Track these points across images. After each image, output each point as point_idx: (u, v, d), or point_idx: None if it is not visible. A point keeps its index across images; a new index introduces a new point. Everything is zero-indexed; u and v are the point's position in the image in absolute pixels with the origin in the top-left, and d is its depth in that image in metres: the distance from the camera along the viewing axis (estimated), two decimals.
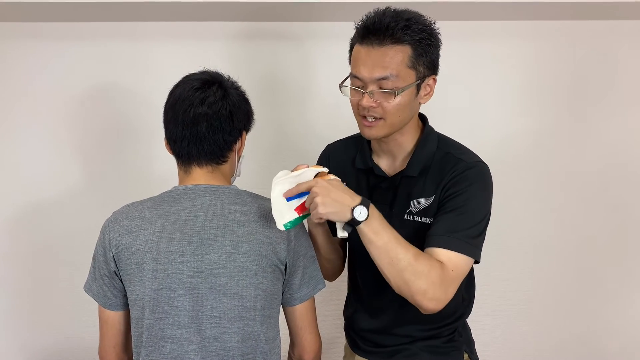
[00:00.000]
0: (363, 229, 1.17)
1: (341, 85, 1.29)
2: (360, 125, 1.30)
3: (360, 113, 1.27)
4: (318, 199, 1.15)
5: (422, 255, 1.20)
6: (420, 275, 1.17)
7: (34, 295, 1.98)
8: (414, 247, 1.20)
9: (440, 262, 1.20)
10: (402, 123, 1.28)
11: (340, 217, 1.17)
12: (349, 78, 1.28)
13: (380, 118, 1.25)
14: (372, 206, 1.18)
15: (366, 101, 1.23)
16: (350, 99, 1.29)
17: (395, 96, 1.22)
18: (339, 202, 1.16)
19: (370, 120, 1.26)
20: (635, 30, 2.02)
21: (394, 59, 1.21)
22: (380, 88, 1.22)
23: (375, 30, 1.21)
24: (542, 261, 2.10)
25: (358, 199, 1.18)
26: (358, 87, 1.25)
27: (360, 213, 1.16)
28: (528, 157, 2.05)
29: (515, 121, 2.04)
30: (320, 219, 1.18)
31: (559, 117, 2.05)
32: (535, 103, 2.04)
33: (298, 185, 1.19)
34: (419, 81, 1.25)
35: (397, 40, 1.20)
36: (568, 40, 2.02)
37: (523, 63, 2.02)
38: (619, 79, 2.04)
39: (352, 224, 1.17)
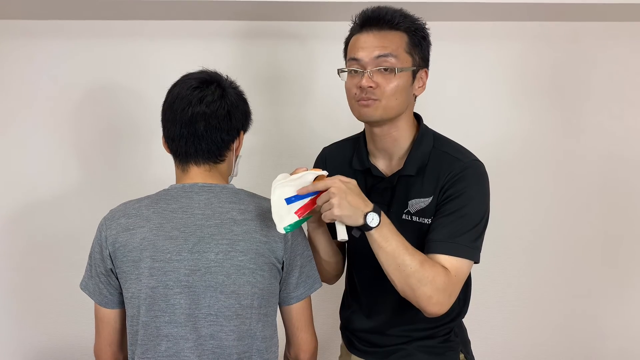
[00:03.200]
0: (373, 234, 1.19)
1: (340, 70, 1.32)
2: (354, 107, 1.31)
3: (357, 98, 1.29)
4: (334, 200, 1.16)
5: (428, 261, 1.21)
6: (425, 281, 1.19)
7: (30, 294, 1.97)
8: (420, 253, 1.22)
9: (444, 268, 1.22)
10: (397, 108, 1.29)
11: (352, 221, 1.17)
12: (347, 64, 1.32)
13: (376, 99, 1.27)
14: (382, 213, 1.20)
15: (366, 81, 1.26)
16: (345, 85, 1.32)
17: (395, 74, 1.25)
18: (353, 206, 1.17)
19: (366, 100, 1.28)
20: (631, 30, 2.03)
21: (393, 41, 1.27)
22: (380, 67, 1.25)
23: (374, 18, 1.28)
24: (539, 262, 2.10)
25: (370, 205, 1.19)
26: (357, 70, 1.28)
27: (373, 219, 1.17)
28: (523, 156, 2.06)
29: (509, 121, 2.05)
30: (332, 220, 1.18)
31: (553, 116, 2.05)
32: (529, 103, 2.04)
33: (315, 183, 1.19)
34: (415, 68, 1.29)
35: (395, 27, 1.27)
36: (562, 41, 2.02)
37: (516, 63, 2.03)
38: (613, 79, 2.05)
39: (363, 229, 1.19)
